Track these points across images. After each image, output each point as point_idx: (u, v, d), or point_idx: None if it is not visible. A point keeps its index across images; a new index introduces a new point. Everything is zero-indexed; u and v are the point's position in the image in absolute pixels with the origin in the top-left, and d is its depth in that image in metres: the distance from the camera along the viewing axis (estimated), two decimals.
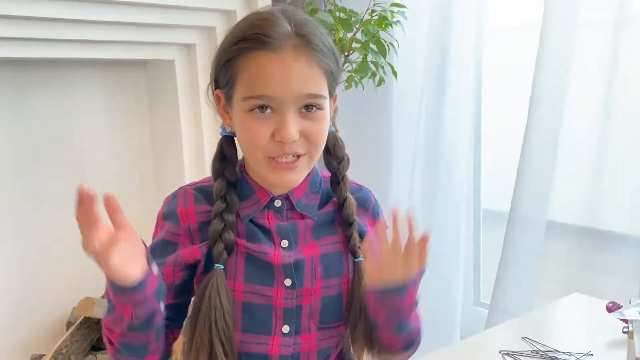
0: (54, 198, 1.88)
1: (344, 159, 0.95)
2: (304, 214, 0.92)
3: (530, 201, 1.53)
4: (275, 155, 0.84)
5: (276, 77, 0.81)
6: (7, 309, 1.80)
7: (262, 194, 0.91)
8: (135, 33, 1.80)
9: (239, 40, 0.83)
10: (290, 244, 0.91)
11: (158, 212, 0.94)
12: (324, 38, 0.86)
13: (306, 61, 0.82)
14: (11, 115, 1.78)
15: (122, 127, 2.03)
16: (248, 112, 0.83)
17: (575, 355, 0.83)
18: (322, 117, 0.85)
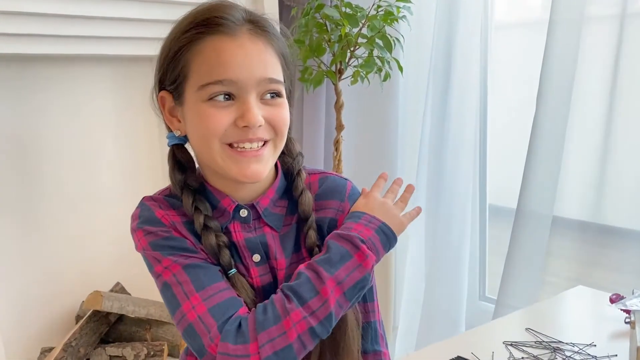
0: (64, 193, 1.89)
1: (297, 156, 0.90)
2: (271, 225, 0.86)
3: (536, 197, 1.53)
4: (237, 141, 0.79)
5: (236, 60, 0.77)
6: (18, 303, 1.81)
7: (226, 202, 0.84)
8: (143, 29, 1.81)
9: (191, 27, 0.79)
10: (262, 257, 0.86)
11: (131, 227, 0.86)
12: (275, 29, 0.84)
13: (263, 45, 0.79)
14: (21, 110, 1.79)
15: (130, 122, 2.04)
16: (206, 101, 0.78)
17: (578, 345, 0.84)
18: (282, 103, 0.81)
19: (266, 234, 0.86)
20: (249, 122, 0.76)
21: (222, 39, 0.77)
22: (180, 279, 0.79)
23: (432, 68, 1.85)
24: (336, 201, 0.89)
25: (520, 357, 0.81)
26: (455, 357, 0.81)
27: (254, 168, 0.79)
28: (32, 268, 1.85)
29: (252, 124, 0.76)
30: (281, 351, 0.74)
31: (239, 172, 0.79)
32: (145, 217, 0.84)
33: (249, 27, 0.79)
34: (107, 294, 1.81)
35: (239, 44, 0.77)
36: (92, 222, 1.96)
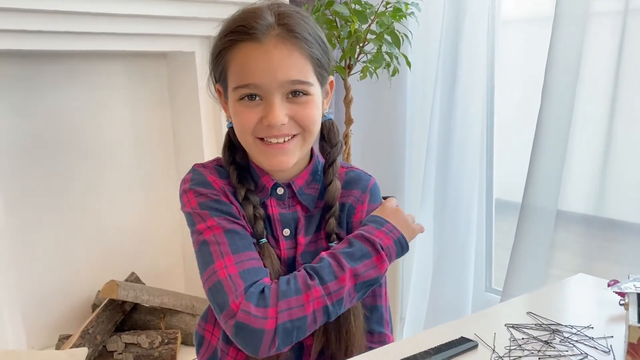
0: (80, 185, 1.94)
1: (336, 145, 0.97)
2: (303, 204, 0.95)
3: (541, 191, 1.56)
4: (264, 136, 0.87)
5: (260, 66, 0.85)
6: (36, 292, 1.86)
7: (266, 180, 0.93)
8: (157, 25, 1.85)
9: (227, 33, 0.88)
10: (291, 232, 0.94)
11: (182, 189, 0.93)
12: (309, 28, 0.89)
13: (287, 49, 0.85)
14: (38, 105, 1.84)
15: (143, 116, 2.09)
16: (239, 101, 0.88)
17: (577, 328, 0.87)
18: (308, 101, 0.88)
19: (298, 211, 0.95)
20: (270, 122, 0.85)
21: (251, 45, 0.85)
22: (219, 240, 0.87)
23: (439, 63, 1.88)
24: (358, 191, 0.98)
25: (520, 337, 0.85)
26: (459, 337, 0.85)
27: (280, 159, 0.88)
28: (51, 258, 1.90)
29: (274, 124, 0.85)
30: (297, 320, 0.82)
31: (267, 162, 0.90)
32: (197, 180, 0.92)
33: (278, 31, 0.86)
34: (123, 284, 1.86)
35: (264, 50, 0.85)
36: (109, 214, 2.01)
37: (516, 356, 0.80)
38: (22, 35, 1.60)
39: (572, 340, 0.84)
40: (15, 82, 1.78)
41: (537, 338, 0.84)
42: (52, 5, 1.58)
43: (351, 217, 0.98)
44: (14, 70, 1.77)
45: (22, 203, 1.82)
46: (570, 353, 0.80)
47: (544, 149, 1.56)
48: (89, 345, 1.74)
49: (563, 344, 0.83)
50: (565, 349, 0.82)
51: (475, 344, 0.83)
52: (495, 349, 0.82)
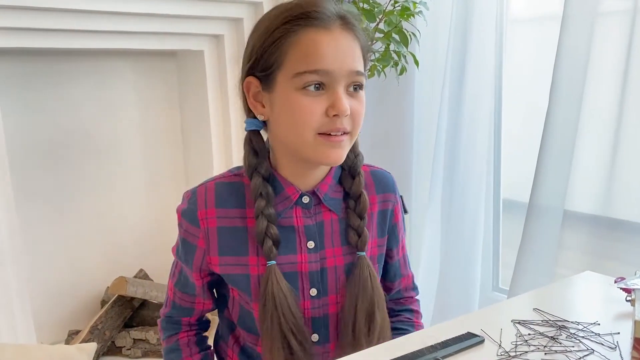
0: (90, 183, 1.96)
1: (359, 154, 0.96)
2: (330, 209, 0.93)
3: (548, 191, 1.55)
4: (327, 131, 0.84)
5: (331, 52, 0.81)
6: (47, 288, 1.88)
7: (291, 191, 0.91)
8: (167, 24, 1.86)
9: (288, 20, 0.84)
10: (316, 245, 0.92)
11: (177, 207, 0.95)
12: (359, 21, 0.89)
13: (352, 39, 0.85)
14: (49, 103, 1.86)
15: (153, 114, 2.11)
16: (300, 89, 0.82)
17: (583, 324, 0.88)
18: (363, 97, 0.87)
19: (325, 220, 0.93)
20: (339, 110, 0.82)
21: (319, 31, 0.82)
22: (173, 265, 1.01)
23: (447, 62, 1.88)
24: (391, 194, 1.00)
25: (526, 333, 0.86)
26: (465, 332, 0.86)
27: (337, 153, 0.85)
28: (61, 255, 1.92)
29: (342, 112, 0.82)
30: None
31: (325, 157, 0.85)
32: (188, 208, 0.93)
33: (340, 22, 0.84)
34: (132, 280, 1.88)
35: (333, 37, 0.82)
36: (118, 212, 2.03)
37: (522, 351, 0.80)
38: (32, 33, 1.62)
39: (579, 337, 0.84)
40: (25, 79, 1.80)
41: (543, 334, 0.85)
42: (62, 4, 1.60)
43: (393, 220, 1.01)
44: (24, 68, 1.80)
45: (33, 200, 1.84)
46: (577, 349, 0.81)
47: (551, 148, 1.55)
48: (98, 341, 1.76)
49: (569, 340, 0.83)
50: (571, 344, 0.82)
51: (482, 339, 0.84)
52: (501, 344, 0.82)
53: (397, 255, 1.05)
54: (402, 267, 1.07)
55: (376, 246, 0.99)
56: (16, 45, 1.60)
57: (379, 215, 0.99)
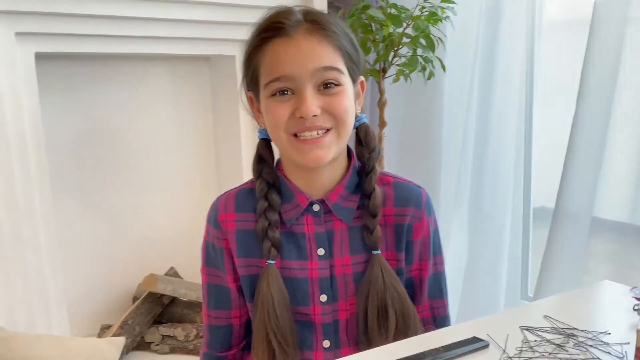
0: (124, 183, 2.03)
1: (374, 150, 0.96)
2: (340, 218, 0.94)
3: (575, 198, 1.53)
4: (297, 132, 0.86)
5: (290, 57, 0.85)
6: (81, 284, 1.95)
7: (301, 199, 0.93)
8: (200, 30, 1.92)
9: (257, 35, 0.89)
10: (326, 252, 0.94)
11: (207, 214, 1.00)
12: (336, 23, 0.90)
13: (318, 40, 0.86)
14: (85, 106, 1.93)
15: (186, 116, 2.16)
16: (270, 97, 0.87)
17: (593, 333, 0.87)
18: (340, 91, 0.87)
19: (335, 229, 0.94)
20: (302, 113, 0.85)
21: (280, 41, 0.86)
22: (204, 290, 1.03)
23: (476, 67, 1.87)
24: (412, 208, 0.95)
25: (533, 339, 0.85)
26: (471, 337, 0.86)
27: (315, 154, 0.87)
28: (95, 252, 1.99)
29: (306, 114, 0.84)
30: None
31: (302, 159, 0.88)
32: (212, 216, 0.99)
33: (307, 26, 0.87)
34: (162, 277, 1.93)
35: (295, 43, 0.86)
36: (151, 211, 2.09)
37: (526, 357, 0.80)
38: (73, 39, 1.69)
39: (586, 345, 0.83)
40: (66, 82, 1.88)
41: (550, 341, 0.84)
42: (101, 11, 1.67)
43: (411, 237, 0.97)
44: (65, 71, 1.88)
45: (69, 198, 1.91)
46: (583, 357, 0.80)
47: (578, 155, 1.53)
48: (128, 336, 1.81)
49: (576, 348, 0.82)
50: (577, 352, 0.81)
51: (487, 344, 0.84)
52: (506, 350, 0.82)
53: (409, 273, 1.00)
54: (416, 291, 1.01)
55: (393, 259, 0.97)
56: (58, 50, 1.68)
57: (394, 229, 0.96)
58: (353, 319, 0.95)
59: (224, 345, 1.03)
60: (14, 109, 1.56)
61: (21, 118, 1.58)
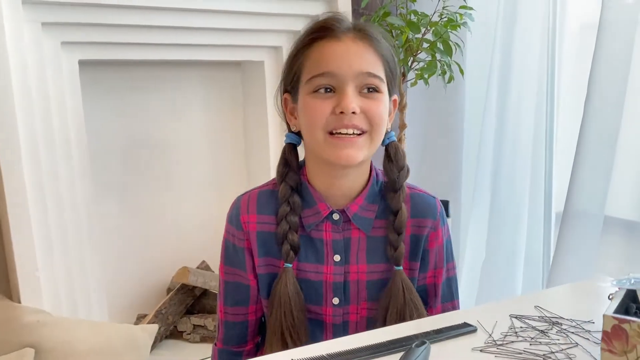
0: (160, 181, 2.15)
1: (404, 168, 1.00)
2: (359, 228, 0.98)
3: (586, 196, 1.54)
4: (335, 129, 0.89)
5: (337, 56, 0.89)
6: (119, 276, 2.07)
7: (322, 207, 0.98)
8: (231, 37, 2.02)
9: (307, 35, 0.95)
10: (342, 259, 0.99)
11: (227, 213, 1.04)
12: (383, 36, 0.96)
13: (364, 46, 0.92)
14: (124, 109, 2.06)
15: (218, 119, 2.27)
16: (312, 93, 0.91)
17: (577, 321, 0.92)
18: (379, 98, 0.92)
19: (352, 237, 0.99)
20: (343, 107, 0.88)
21: (329, 41, 0.91)
22: (222, 287, 1.06)
23: (494, 71, 1.90)
24: (430, 220, 1.01)
25: (519, 326, 0.91)
26: (462, 322, 0.93)
27: (348, 152, 0.90)
28: (132, 246, 2.11)
29: (347, 110, 0.88)
30: None
31: (336, 156, 0.90)
32: (232, 215, 1.02)
33: (355, 33, 0.92)
34: (194, 270, 2.04)
35: (343, 44, 0.91)
36: (185, 207, 2.21)
37: (509, 341, 0.86)
38: (114, 47, 1.82)
39: (568, 332, 0.89)
40: (107, 87, 2.02)
41: (534, 328, 0.90)
42: (140, 21, 1.79)
43: (427, 246, 1.02)
44: (106, 77, 2.01)
45: (110, 196, 2.04)
46: (562, 342, 0.86)
47: (589, 152, 1.54)
48: (161, 324, 1.93)
49: (558, 335, 0.88)
50: (558, 338, 0.87)
51: (475, 329, 0.90)
52: (492, 334, 0.88)
53: (423, 280, 1.05)
54: (430, 296, 1.06)
55: (406, 269, 1.01)
56: (100, 58, 1.81)
57: (411, 240, 1.01)
58: (363, 322, 1.01)
59: (240, 340, 1.07)
60: (59, 113, 1.70)
61: (66, 121, 1.71)
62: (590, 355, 0.81)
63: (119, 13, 1.75)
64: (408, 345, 0.80)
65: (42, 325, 1.58)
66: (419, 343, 0.80)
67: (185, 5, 1.85)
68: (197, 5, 1.87)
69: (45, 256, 1.66)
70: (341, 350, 0.83)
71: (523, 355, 0.82)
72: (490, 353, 0.83)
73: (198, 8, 1.87)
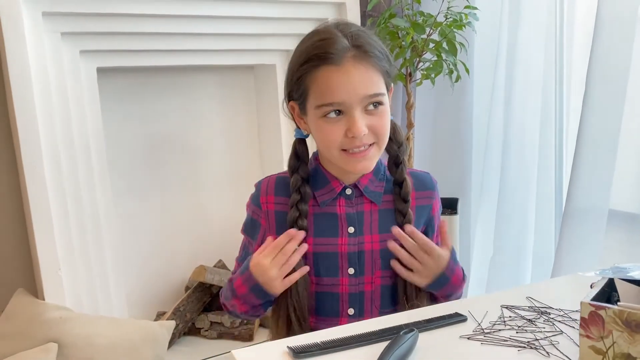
0: (177, 181, 2.22)
1: (402, 144, 1.11)
2: (371, 200, 1.09)
3: (587, 190, 1.54)
4: (348, 149, 1.01)
5: (341, 86, 0.98)
6: (139, 274, 2.15)
7: (335, 184, 1.09)
8: (244, 42, 2.08)
9: (306, 60, 1.01)
10: (356, 230, 1.08)
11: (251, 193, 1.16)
12: (376, 44, 1.03)
13: (364, 67, 0.99)
14: (144, 113, 2.13)
15: (233, 121, 2.33)
16: (322, 117, 1.01)
17: (565, 311, 0.95)
18: (384, 111, 1.03)
19: (365, 211, 1.09)
20: (354, 133, 0.99)
21: (331, 68, 0.98)
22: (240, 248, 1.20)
23: (499, 68, 1.91)
24: (429, 191, 1.14)
25: (508, 315, 0.95)
26: (453, 312, 0.97)
27: (363, 164, 1.04)
28: (152, 245, 2.19)
29: (358, 135, 0.99)
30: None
31: (352, 168, 1.04)
32: (254, 195, 1.15)
33: (354, 52, 0.99)
34: (211, 269, 2.10)
35: (344, 71, 0.98)
36: (202, 207, 2.28)
37: (497, 329, 0.90)
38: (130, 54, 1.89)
39: (555, 321, 0.92)
40: (124, 92, 2.09)
41: (523, 317, 0.93)
42: (155, 28, 1.86)
43: (431, 213, 1.15)
44: (124, 83, 2.09)
45: (129, 195, 2.12)
46: (548, 329, 0.89)
47: (589, 146, 1.55)
48: (179, 321, 2.00)
49: (545, 323, 0.91)
50: (544, 327, 0.90)
51: (465, 318, 0.94)
52: (481, 323, 0.92)
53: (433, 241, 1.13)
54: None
55: None
56: (117, 65, 1.89)
57: (417, 210, 1.12)
58: (377, 291, 1.09)
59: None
60: (79, 118, 1.77)
61: (85, 126, 1.79)
62: (573, 342, 0.84)
63: (134, 22, 1.82)
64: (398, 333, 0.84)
65: (64, 321, 1.66)
66: (407, 330, 0.84)
67: (198, 12, 1.91)
68: (209, 12, 1.93)
69: (67, 255, 1.74)
70: (334, 339, 0.88)
71: (508, 342, 0.85)
72: (477, 340, 0.86)
73: (211, 15, 1.94)
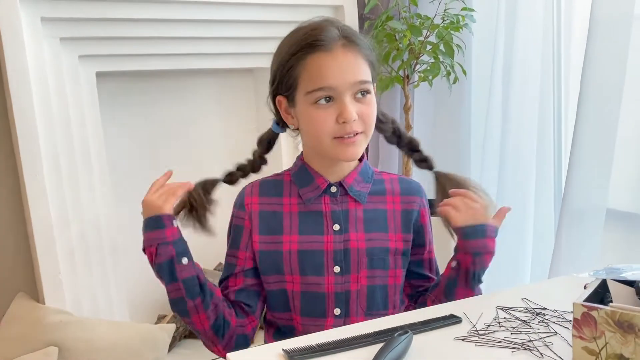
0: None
1: (395, 121, 1.17)
2: (355, 199, 1.10)
3: (586, 190, 1.55)
4: (340, 135, 1.02)
5: (332, 70, 1.00)
6: (139, 278, 2.15)
7: (320, 181, 1.10)
8: (243, 46, 2.10)
9: (297, 50, 1.03)
10: (341, 228, 1.09)
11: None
12: (363, 38, 1.07)
13: (353, 55, 1.02)
14: (143, 116, 2.15)
15: (232, 124, 2.34)
16: (313, 104, 1.01)
17: (560, 312, 0.95)
18: (371, 100, 1.04)
19: (350, 209, 1.09)
20: (345, 118, 1.00)
21: (321, 55, 1.01)
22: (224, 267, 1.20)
23: (496, 69, 1.91)
24: (418, 197, 1.15)
25: (503, 317, 0.95)
26: (449, 314, 0.97)
27: (352, 150, 1.04)
28: None
29: (349, 119, 1.00)
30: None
31: (342, 155, 1.04)
32: (238, 199, 1.17)
33: (343, 42, 1.02)
34: (210, 272, 2.11)
35: (334, 57, 1.00)
36: None
37: (491, 331, 0.90)
38: (130, 58, 1.91)
39: (550, 322, 0.92)
40: (124, 96, 2.11)
41: (518, 318, 0.93)
42: (154, 33, 1.88)
43: (420, 221, 1.15)
44: (123, 87, 2.10)
45: (130, 197, 2.12)
46: (543, 331, 0.89)
47: (586, 144, 1.54)
48: (180, 325, 2.01)
49: (540, 324, 0.91)
50: (539, 328, 0.90)
51: (460, 320, 0.94)
52: (475, 325, 0.92)
53: (422, 255, 1.18)
54: (426, 268, 1.19)
55: (401, 240, 1.12)
56: (116, 69, 1.90)
57: (402, 214, 1.13)
58: (363, 291, 1.09)
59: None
60: (78, 122, 1.79)
61: (84, 129, 1.80)
62: (567, 343, 0.84)
63: (133, 26, 1.83)
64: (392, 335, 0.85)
65: (65, 325, 1.67)
66: (402, 332, 0.85)
67: (196, 16, 1.92)
68: (208, 16, 1.94)
69: (67, 260, 1.75)
70: (330, 341, 0.88)
71: (502, 344, 0.85)
72: (471, 342, 0.87)
73: (209, 19, 1.95)
